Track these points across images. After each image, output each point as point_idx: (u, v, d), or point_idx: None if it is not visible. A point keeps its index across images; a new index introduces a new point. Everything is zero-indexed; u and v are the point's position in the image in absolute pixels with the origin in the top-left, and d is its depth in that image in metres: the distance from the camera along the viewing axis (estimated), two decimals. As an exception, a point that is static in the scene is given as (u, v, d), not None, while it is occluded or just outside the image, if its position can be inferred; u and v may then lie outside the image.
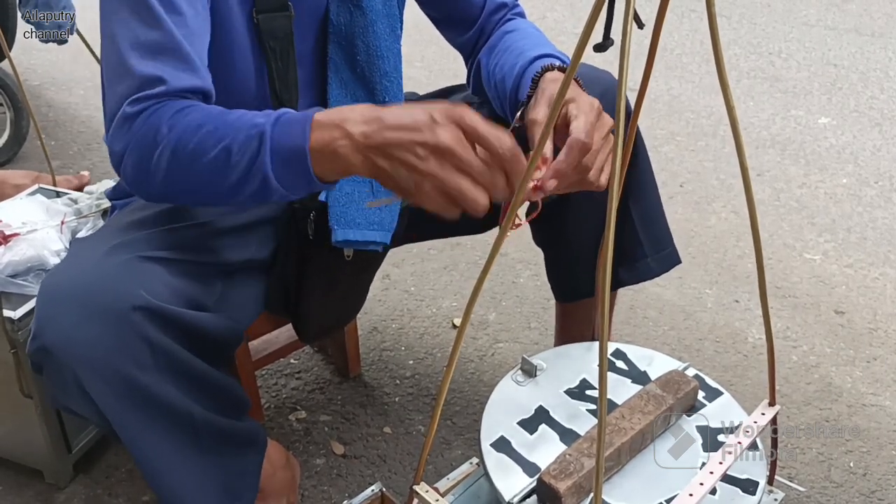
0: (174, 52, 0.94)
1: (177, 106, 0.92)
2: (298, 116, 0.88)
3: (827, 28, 4.11)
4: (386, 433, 1.60)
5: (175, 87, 0.93)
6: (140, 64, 0.93)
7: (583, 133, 0.94)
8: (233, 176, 0.90)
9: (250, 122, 0.89)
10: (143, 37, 0.93)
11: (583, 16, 4.22)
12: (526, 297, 2.02)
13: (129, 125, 0.92)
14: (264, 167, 0.88)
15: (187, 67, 0.95)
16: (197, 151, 0.89)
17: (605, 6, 0.65)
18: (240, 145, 0.88)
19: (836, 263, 2.20)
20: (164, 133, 0.90)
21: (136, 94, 0.92)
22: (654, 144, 2.83)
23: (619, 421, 0.97)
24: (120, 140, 0.93)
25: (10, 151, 2.60)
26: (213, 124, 0.90)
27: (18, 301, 1.30)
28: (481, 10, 1.28)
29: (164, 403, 0.97)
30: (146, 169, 0.93)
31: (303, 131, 0.86)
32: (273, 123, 0.88)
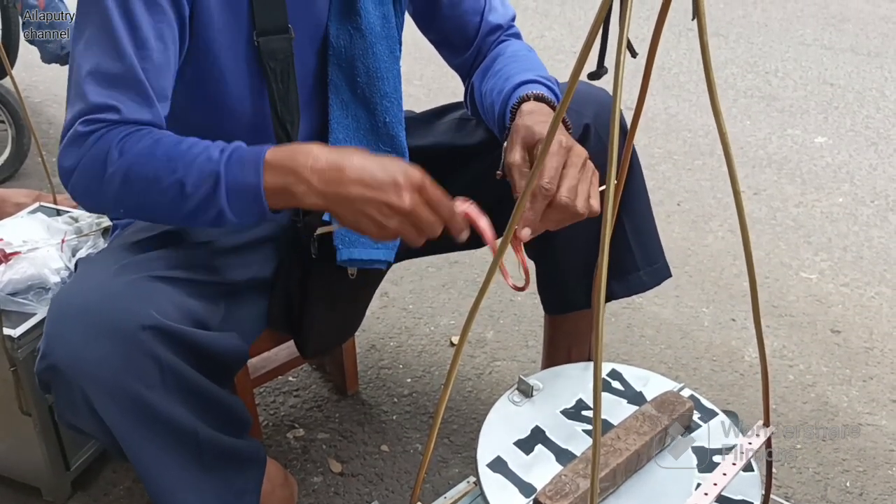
0: (132, 85, 0.97)
1: (128, 129, 0.96)
2: (250, 156, 0.95)
3: (823, 47, 4.14)
4: (383, 451, 1.61)
5: (127, 117, 0.97)
6: (94, 93, 0.96)
7: (545, 179, 0.97)
8: (187, 206, 0.95)
9: (204, 157, 0.94)
10: (103, 66, 0.96)
11: (580, 35, 4.25)
12: (524, 316, 2.03)
13: (80, 143, 0.96)
14: (220, 203, 0.94)
15: (143, 101, 0.98)
16: (150, 179, 0.94)
17: (599, 35, 0.66)
18: (194, 180, 0.94)
19: (832, 282, 2.21)
20: (114, 156, 0.94)
21: (88, 116, 0.96)
22: (652, 163, 2.85)
23: (615, 441, 0.98)
24: (69, 157, 0.97)
25: (12, 168, 2.61)
26: (165, 153, 0.94)
27: (18, 319, 1.31)
28: (477, 31, 1.30)
29: (171, 421, 0.98)
30: (96, 189, 0.97)
31: (256, 172, 0.93)
32: (226, 162, 0.94)
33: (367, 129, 1.21)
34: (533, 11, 4.58)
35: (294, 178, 0.93)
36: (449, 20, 1.29)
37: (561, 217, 1.00)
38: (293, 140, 1.15)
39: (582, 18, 4.53)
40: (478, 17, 1.29)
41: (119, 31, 0.96)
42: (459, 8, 1.28)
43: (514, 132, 1.06)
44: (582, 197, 1.00)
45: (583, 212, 1.00)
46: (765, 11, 4.74)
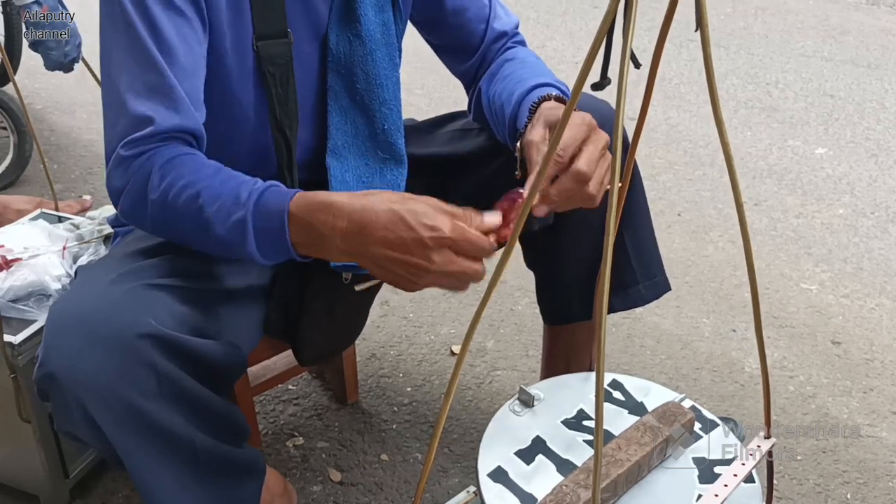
0: (165, 93, 0.99)
1: (168, 154, 0.98)
2: (275, 212, 0.94)
3: (824, 59, 4.15)
4: (383, 460, 1.60)
5: (163, 126, 0.98)
6: (135, 102, 0.98)
7: (560, 147, 0.96)
8: (217, 246, 0.99)
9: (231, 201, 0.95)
10: (138, 77, 0.99)
11: (582, 45, 4.27)
12: (524, 325, 2.03)
13: (125, 168, 0.99)
14: (250, 250, 0.96)
15: (175, 107, 0.99)
16: (182, 214, 0.97)
17: (602, 46, 0.67)
18: (222, 222, 0.95)
19: (832, 294, 2.21)
20: (154, 184, 0.97)
21: (129, 136, 0.98)
22: (652, 173, 2.85)
23: (616, 452, 0.98)
24: (117, 179, 1.00)
25: (13, 175, 2.61)
26: (195, 188, 0.96)
27: (19, 326, 1.31)
28: (482, 38, 1.30)
29: (168, 430, 0.98)
30: (140, 211, 1.00)
31: (281, 230, 0.94)
32: (253, 214, 0.94)
33: (365, 136, 1.21)
34: (534, 22, 4.60)
35: (318, 237, 0.93)
36: (454, 27, 1.29)
37: (571, 189, 0.98)
38: (291, 145, 1.15)
39: (583, 29, 4.54)
40: (483, 24, 1.29)
41: (146, 43, 0.98)
42: (464, 15, 1.28)
43: (538, 115, 1.06)
44: (597, 178, 0.99)
45: (593, 192, 0.99)
46: (765, 23, 4.75)
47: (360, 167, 1.21)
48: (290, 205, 0.94)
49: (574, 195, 0.99)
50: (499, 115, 1.20)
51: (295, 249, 0.95)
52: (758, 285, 0.92)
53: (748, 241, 0.86)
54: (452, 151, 1.34)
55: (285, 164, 1.15)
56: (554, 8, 4.90)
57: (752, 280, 0.89)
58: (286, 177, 1.16)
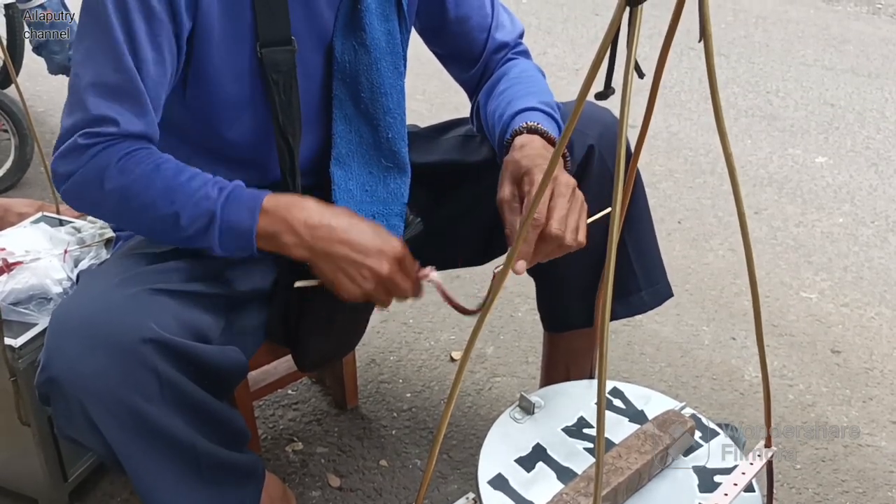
0: (131, 96, 1.01)
1: (127, 147, 1.00)
2: (248, 198, 1.02)
3: (824, 68, 4.16)
4: (382, 466, 1.60)
5: (126, 129, 1.00)
6: (94, 104, 0.99)
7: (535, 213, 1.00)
8: (179, 235, 1.02)
9: (202, 193, 1.00)
10: (105, 77, 1.00)
11: (583, 52, 4.27)
12: (524, 332, 2.03)
13: (78, 155, 1.00)
14: (212, 240, 1.01)
15: (141, 113, 1.01)
16: (146, 205, 1.00)
17: (606, 55, 0.67)
18: (189, 215, 1.00)
19: (832, 302, 2.21)
20: (113, 174, 0.99)
21: (89, 129, 0.99)
22: (653, 181, 2.86)
23: (616, 460, 0.98)
24: (67, 165, 1.01)
25: (14, 178, 2.62)
26: (164, 183, 1.00)
27: (20, 329, 1.31)
28: (483, 48, 1.30)
29: (169, 435, 0.98)
30: (90, 199, 1.04)
31: (251, 215, 1.01)
32: (224, 202, 1.00)
33: (369, 144, 1.21)
34: (536, 29, 4.61)
35: (286, 227, 1.01)
36: (456, 36, 1.29)
37: (551, 249, 1.04)
38: (295, 152, 1.15)
39: (584, 36, 4.55)
40: (484, 33, 1.29)
41: (119, 44, 0.99)
42: (466, 24, 1.28)
43: (504, 168, 1.11)
44: (570, 228, 1.03)
45: (571, 243, 1.04)
46: (766, 32, 4.76)
47: (364, 175, 1.21)
48: (264, 199, 1.02)
49: (553, 251, 1.05)
50: (491, 134, 1.24)
51: (256, 240, 1.01)
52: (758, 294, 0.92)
53: (750, 250, 0.86)
54: (455, 159, 1.34)
55: (288, 171, 1.15)
56: (555, 15, 4.91)
57: (754, 290, 0.89)
58: (289, 183, 1.16)
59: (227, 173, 1.19)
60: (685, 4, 0.69)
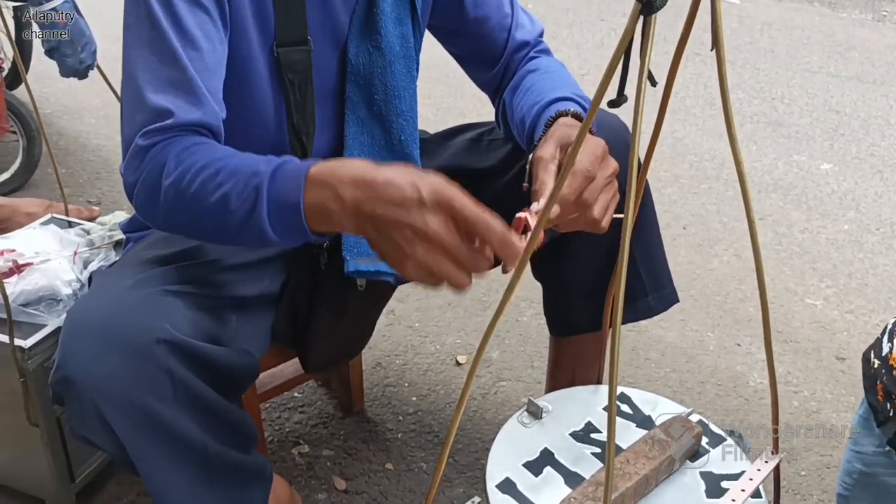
0: (186, 87, 0.98)
1: (186, 142, 0.96)
2: (294, 170, 0.90)
3: (829, 75, 4.16)
4: (388, 469, 1.61)
5: (182, 119, 0.97)
6: (154, 96, 0.97)
7: (587, 163, 0.97)
8: (232, 222, 0.92)
9: (250, 170, 0.91)
10: (159, 72, 0.98)
11: (588, 57, 4.27)
12: (529, 336, 2.03)
13: (141, 158, 0.96)
14: (261, 220, 0.90)
15: (197, 102, 0.98)
16: (198, 194, 0.92)
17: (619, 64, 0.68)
18: (238, 194, 0.90)
19: (837, 309, 2.21)
20: (170, 169, 0.94)
21: (147, 127, 0.96)
22: (658, 186, 2.86)
23: (624, 465, 0.98)
24: (133, 172, 0.98)
25: (22, 178, 2.63)
26: (215, 167, 0.92)
27: (29, 330, 1.32)
28: (504, 48, 1.29)
29: (181, 436, 0.99)
30: (154, 202, 0.97)
31: (297, 187, 0.88)
32: (271, 175, 0.90)
33: (381, 146, 1.22)
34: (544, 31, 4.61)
35: (331, 193, 0.86)
36: (476, 37, 1.28)
37: (574, 215, 0.99)
38: (308, 151, 1.16)
39: (590, 41, 4.56)
40: (505, 33, 1.28)
41: (169, 36, 0.98)
42: (486, 25, 1.27)
43: (550, 133, 1.05)
44: (601, 205, 1.00)
45: (597, 217, 1.00)
46: (771, 38, 4.77)
47: None
48: (311, 167, 0.89)
49: (576, 220, 1.00)
50: (520, 128, 1.20)
51: (306, 218, 0.88)
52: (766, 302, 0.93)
53: (759, 260, 0.86)
54: (463, 164, 1.35)
55: None
56: (560, 20, 4.92)
57: (763, 298, 0.90)
58: None
59: None
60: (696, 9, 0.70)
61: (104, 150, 2.98)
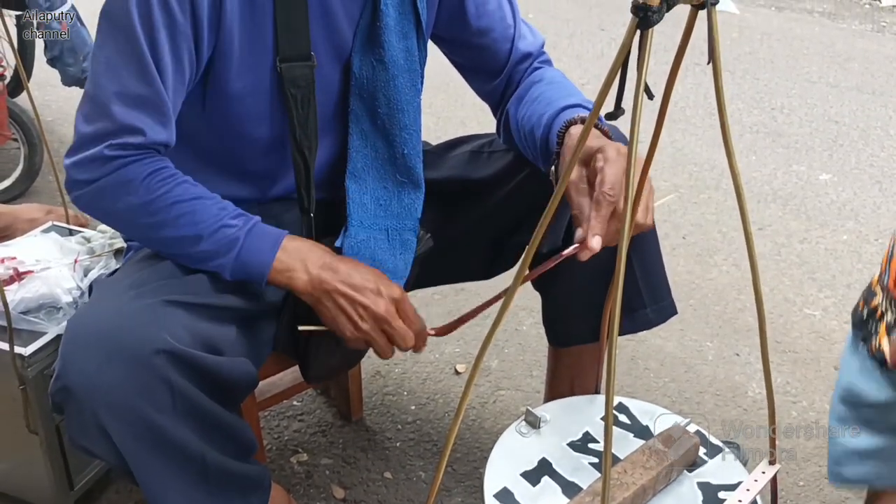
0: (157, 107, 1.03)
1: (154, 165, 1.04)
2: (269, 234, 1.08)
3: (829, 85, 4.18)
4: (387, 478, 1.61)
5: (151, 139, 1.04)
6: (123, 113, 1.01)
7: (608, 186, 0.98)
8: (193, 255, 1.07)
9: (225, 222, 1.06)
10: (129, 87, 1.02)
11: (589, 67, 4.28)
12: (528, 345, 2.03)
13: (102, 164, 1.03)
14: (225, 265, 1.07)
15: (165, 122, 1.04)
16: (167, 222, 1.05)
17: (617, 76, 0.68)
18: (212, 239, 1.05)
19: (835, 319, 2.21)
20: (137, 189, 1.03)
21: (117, 140, 1.01)
22: (657, 196, 2.86)
23: (622, 475, 0.98)
24: (89, 172, 1.04)
25: (23, 186, 2.63)
26: (189, 206, 1.05)
27: (29, 338, 1.32)
28: (507, 59, 1.30)
29: (180, 445, 0.99)
30: (107, 209, 1.08)
31: (271, 249, 1.07)
32: (247, 233, 1.06)
33: (384, 160, 1.22)
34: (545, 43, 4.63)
35: (300, 266, 1.08)
36: (479, 48, 1.29)
37: (619, 226, 0.99)
38: (310, 165, 1.17)
39: (590, 51, 4.58)
40: (508, 44, 1.29)
41: (144, 54, 1.00)
42: (489, 36, 1.28)
43: (568, 149, 1.08)
44: (642, 206, 1.01)
45: (642, 221, 1.02)
46: (771, 48, 4.79)
47: (379, 190, 1.23)
48: (285, 237, 1.09)
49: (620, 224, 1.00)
50: (529, 139, 1.21)
51: (269, 273, 1.07)
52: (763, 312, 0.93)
53: (756, 270, 0.87)
54: (463, 175, 1.35)
55: (303, 184, 1.17)
56: (561, 30, 4.94)
57: (760, 308, 0.90)
58: (304, 196, 1.17)
59: (242, 185, 1.20)
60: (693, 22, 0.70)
61: (105, 158, 2.98)
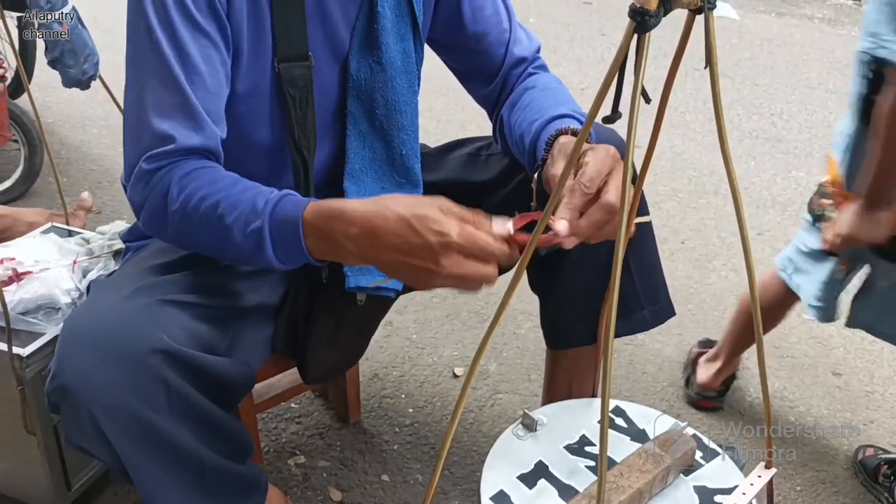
0: (187, 112, 1.02)
1: (186, 168, 1.01)
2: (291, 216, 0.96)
3: (828, 91, 4.18)
4: (384, 481, 1.61)
5: (183, 144, 1.01)
6: (157, 121, 1.01)
7: (586, 178, 0.96)
8: (238, 253, 1.00)
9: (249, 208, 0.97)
10: (162, 97, 1.01)
11: (589, 71, 4.29)
12: (527, 349, 2.04)
13: (145, 182, 1.02)
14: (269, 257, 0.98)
15: (197, 127, 1.02)
16: (202, 223, 0.99)
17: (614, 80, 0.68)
18: (240, 231, 0.97)
19: (833, 325, 2.21)
20: (174, 195, 1.00)
21: (150, 152, 1.00)
22: (657, 201, 2.87)
23: (618, 479, 0.99)
24: (138, 194, 1.03)
25: (23, 187, 2.64)
26: (215, 197, 0.98)
27: (28, 338, 1.32)
28: (502, 63, 1.30)
29: (176, 446, 0.99)
30: (159, 224, 1.03)
31: (297, 235, 0.95)
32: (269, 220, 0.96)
33: (382, 160, 1.23)
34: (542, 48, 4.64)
35: (332, 243, 0.94)
36: (474, 52, 1.29)
37: (602, 220, 0.97)
38: (309, 165, 1.17)
39: (590, 55, 4.59)
40: (503, 48, 1.29)
41: (171, 61, 1.00)
42: (484, 40, 1.28)
43: (557, 150, 1.07)
44: (613, 186, 0.98)
45: (613, 201, 0.97)
46: (771, 54, 4.79)
47: (377, 190, 1.23)
48: (304, 213, 0.95)
49: (606, 226, 0.98)
50: (519, 144, 1.21)
51: (311, 255, 0.96)
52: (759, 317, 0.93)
53: (752, 275, 0.87)
54: (461, 178, 1.36)
55: (302, 185, 1.17)
56: (561, 34, 4.95)
57: (756, 312, 0.90)
58: None
59: None
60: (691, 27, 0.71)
61: (105, 160, 2.99)
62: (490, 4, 1.28)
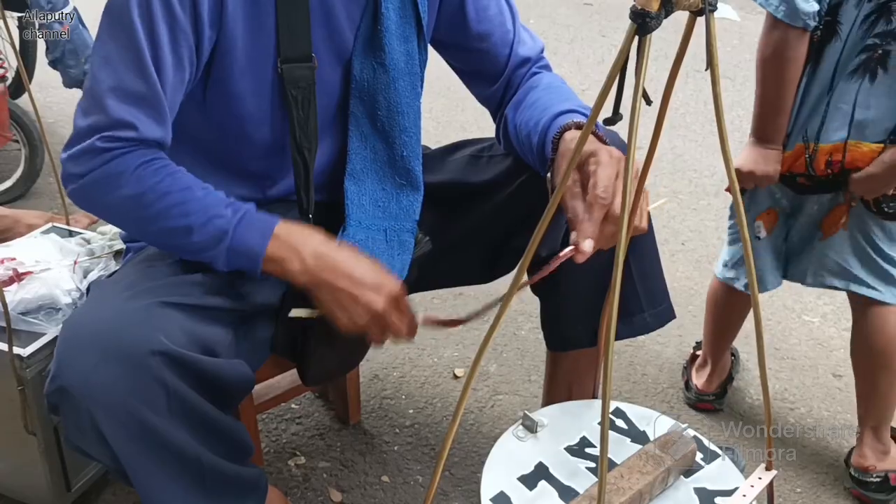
0: (152, 104, 1.03)
1: (145, 156, 1.03)
2: (260, 222, 1.06)
3: (829, 93, 4.17)
4: (384, 482, 1.61)
5: (144, 135, 1.03)
6: (116, 107, 1.01)
7: (600, 189, 0.97)
8: (186, 246, 1.06)
9: (216, 212, 1.04)
10: (126, 82, 1.02)
11: (589, 73, 4.28)
12: (527, 350, 2.04)
13: (94, 157, 1.02)
14: (218, 256, 1.05)
15: (160, 120, 1.04)
16: (159, 214, 1.03)
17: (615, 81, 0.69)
18: (202, 230, 1.04)
19: (834, 326, 2.21)
20: (128, 181, 1.02)
21: (107, 132, 1.01)
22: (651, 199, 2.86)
23: (618, 480, 0.99)
24: (82, 165, 1.03)
25: (24, 187, 2.64)
26: (179, 195, 1.04)
27: (28, 339, 1.32)
28: (506, 63, 1.30)
29: (175, 447, 0.99)
30: (101, 202, 1.07)
31: (262, 239, 1.05)
32: (237, 222, 1.04)
33: (384, 161, 1.23)
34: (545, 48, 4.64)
35: (294, 255, 1.05)
36: (478, 52, 1.29)
37: (614, 231, 0.98)
38: (310, 166, 1.17)
39: (591, 57, 4.58)
40: (507, 49, 1.29)
41: (143, 50, 1.01)
42: (489, 41, 1.28)
43: (561, 157, 1.08)
44: (636, 211, 1.00)
45: (637, 223, 1.00)
46: (771, 55, 4.79)
47: (377, 191, 1.23)
48: (277, 224, 1.06)
49: (615, 234, 0.98)
50: (525, 144, 1.21)
51: (262, 263, 1.05)
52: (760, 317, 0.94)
53: (752, 275, 0.87)
54: (463, 179, 1.36)
55: (303, 185, 1.17)
56: (561, 36, 4.95)
57: (757, 314, 0.90)
58: (303, 197, 1.18)
59: (241, 185, 1.21)
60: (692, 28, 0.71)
61: (106, 160, 2.98)
62: (494, 4, 1.28)
